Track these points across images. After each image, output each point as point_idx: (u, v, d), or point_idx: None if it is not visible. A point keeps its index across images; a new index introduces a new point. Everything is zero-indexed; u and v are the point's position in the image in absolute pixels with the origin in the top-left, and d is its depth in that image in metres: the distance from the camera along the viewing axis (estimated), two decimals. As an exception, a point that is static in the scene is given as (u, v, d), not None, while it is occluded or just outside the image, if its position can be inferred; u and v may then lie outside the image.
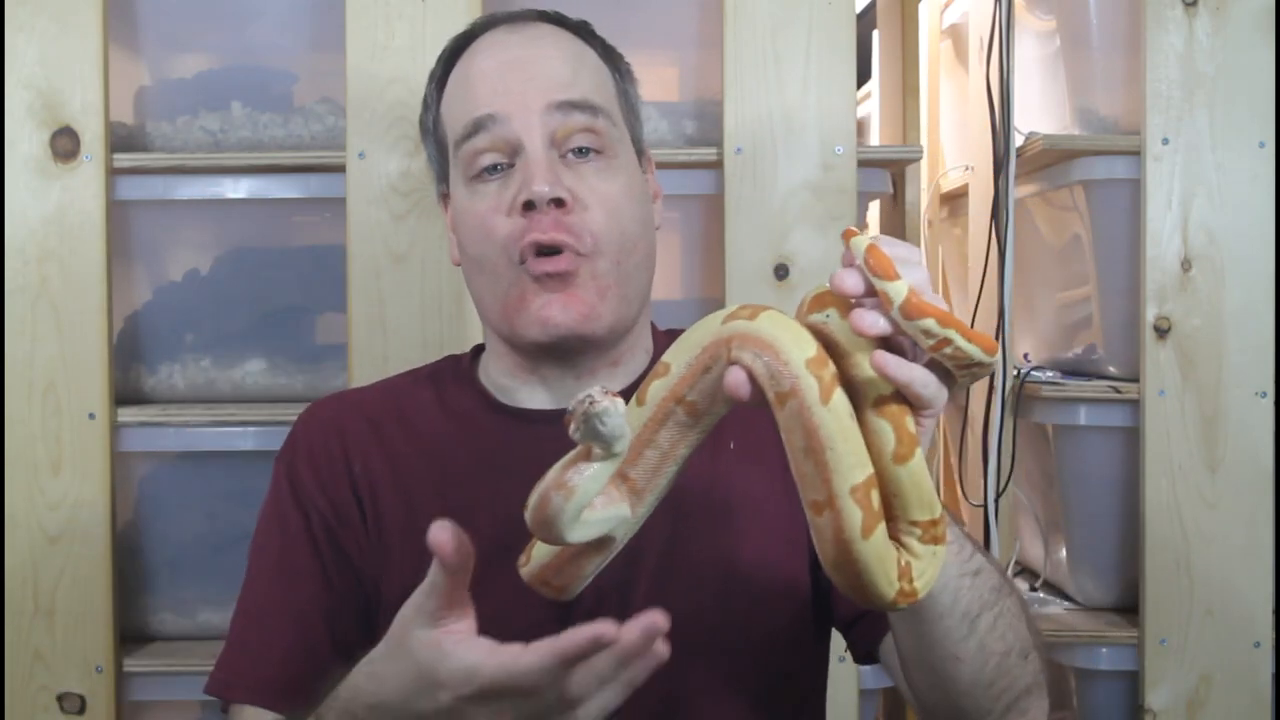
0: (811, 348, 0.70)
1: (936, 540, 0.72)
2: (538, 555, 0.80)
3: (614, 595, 0.94)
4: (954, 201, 2.13)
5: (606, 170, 1.00)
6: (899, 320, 0.68)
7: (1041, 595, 1.77)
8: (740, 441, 1.01)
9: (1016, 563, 1.77)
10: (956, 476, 1.92)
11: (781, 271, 1.52)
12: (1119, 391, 1.62)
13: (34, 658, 1.51)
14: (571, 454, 0.71)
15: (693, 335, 0.74)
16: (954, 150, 2.15)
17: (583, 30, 1.07)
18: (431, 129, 1.07)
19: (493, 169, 0.98)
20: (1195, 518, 1.57)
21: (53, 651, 1.51)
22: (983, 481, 1.70)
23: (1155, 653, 1.58)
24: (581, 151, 0.99)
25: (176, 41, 1.64)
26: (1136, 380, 1.60)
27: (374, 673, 0.75)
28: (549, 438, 0.98)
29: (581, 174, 0.98)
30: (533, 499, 0.71)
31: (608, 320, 0.98)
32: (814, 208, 1.52)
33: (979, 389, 1.82)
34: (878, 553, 0.69)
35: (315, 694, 0.91)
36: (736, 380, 0.71)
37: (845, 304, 0.70)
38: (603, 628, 0.66)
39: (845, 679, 1.51)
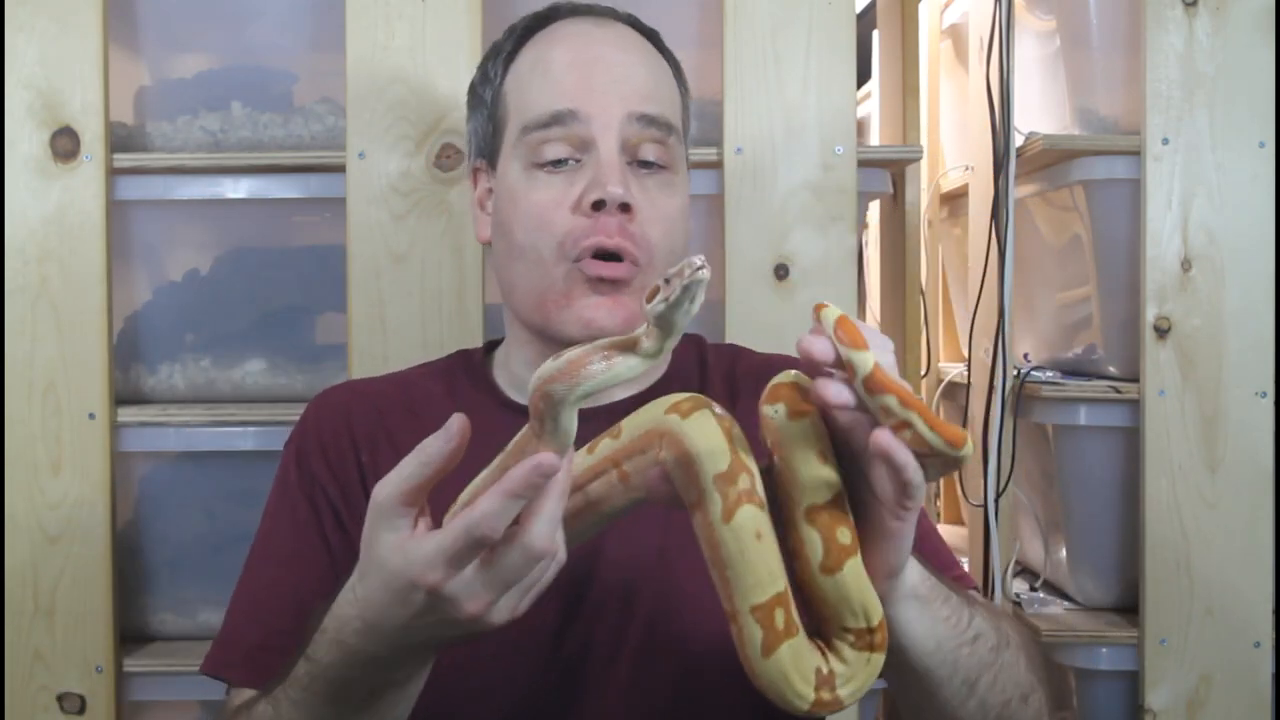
0: (724, 461, 0.69)
1: (872, 647, 0.72)
2: None
3: (615, 605, 0.95)
4: (954, 201, 2.13)
5: (668, 186, 1.01)
6: (860, 393, 0.67)
7: (1041, 595, 1.77)
8: None
9: (1017, 562, 1.78)
10: (957, 476, 1.92)
11: (781, 271, 1.52)
12: (1119, 391, 1.62)
13: (34, 658, 1.51)
14: (607, 341, 0.70)
15: (646, 413, 0.74)
16: (954, 150, 2.15)
17: (658, 40, 1.08)
18: (488, 103, 1.05)
19: (559, 161, 0.98)
20: (1195, 518, 1.57)
21: (53, 651, 1.51)
22: (983, 481, 1.70)
23: (1155, 653, 1.58)
24: (647, 165, 1.00)
25: (176, 41, 1.64)
26: (1136, 380, 1.60)
27: (355, 598, 0.76)
28: None
29: (646, 186, 0.99)
30: (563, 360, 0.69)
31: None
32: (814, 208, 1.52)
33: (979, 389, 1.82)
34: (781, 670, 0.69)
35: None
36: (653, 482, 0.72)
37: (796, 401, 0.71)
38: (542, 457, 0.68)
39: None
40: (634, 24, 1.06)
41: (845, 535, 0.70)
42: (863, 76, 1.72)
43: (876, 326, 2.11)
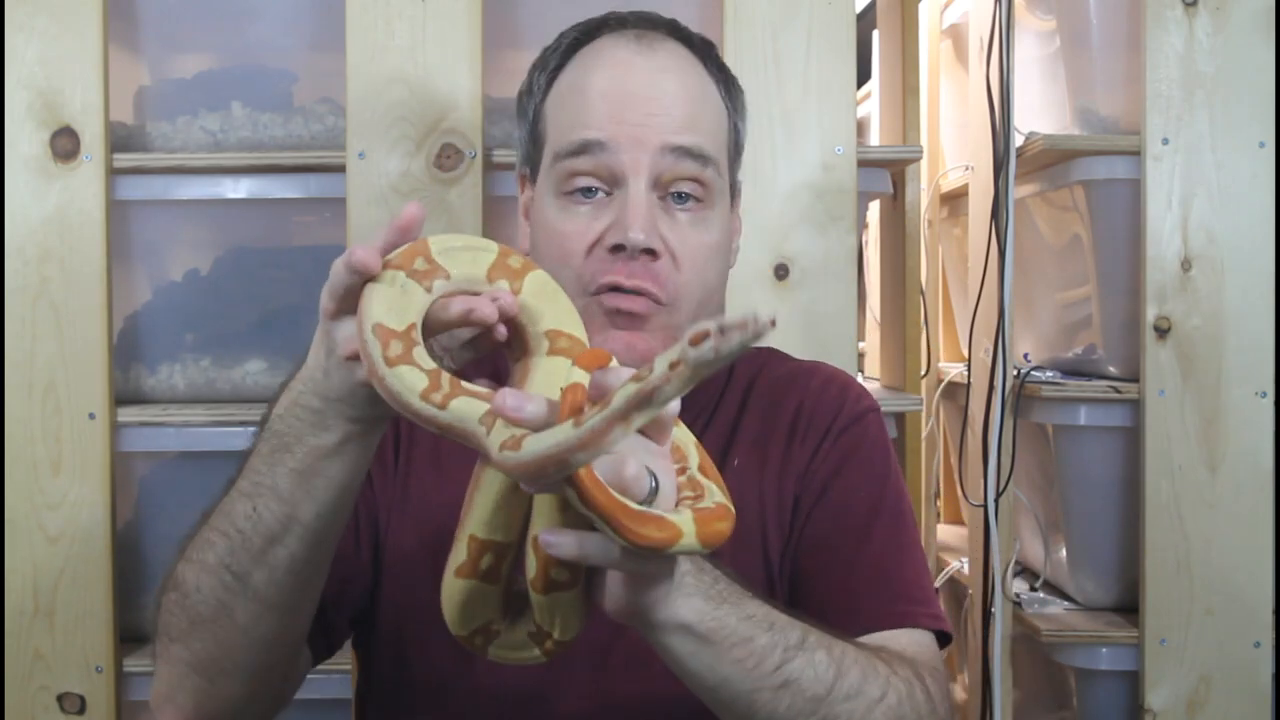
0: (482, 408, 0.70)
1: (543, 649, 0.77)
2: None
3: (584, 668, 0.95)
4: (954, 201, 2.13)
5: (703, 222, 0.98)
6: (573, 501, 0.66)
7: (1041, 595, 1.77)
8: (744, 459, 1.01)
9: (1017, 562, 1.78)
10: (957, 476, 1.92)
11: (781, 271, 1.52)
12: (1119, 391, 1.62)
13: (34, 658, 1.51)
14: (629, 388, 0.64)
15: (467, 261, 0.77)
16: (954, 150, 2.15)
17: (708, 56, 1.03)
18: (530, 117, 1.03)
19: (588, 191, 0.96)
20: (1195, 518, 1.57)
21: (53, 651, 1.51)
22: (983, 481, 1.70)
23: (1155, 653, 1.57)
24: (681, 197, 0.96)
25: (176, 41, 1.64)
26: (1136, 380, 1.60)
27: (320, 370, 0.77)
28: None
29: (677, 223, 0.96)
30: (584, 429, 0.63)
31: None
32: (814, 208, 1.52)
33: (979, 389, 1.82)
34: (455, 599, 0.76)
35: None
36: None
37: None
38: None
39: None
40: (685, 39, 1.03)
41: (560, 573, 0.72)
42: (863, 76, 1.72)
43: (876, 326, 2.11)
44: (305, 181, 1.56)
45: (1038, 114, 1.80)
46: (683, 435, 0.75)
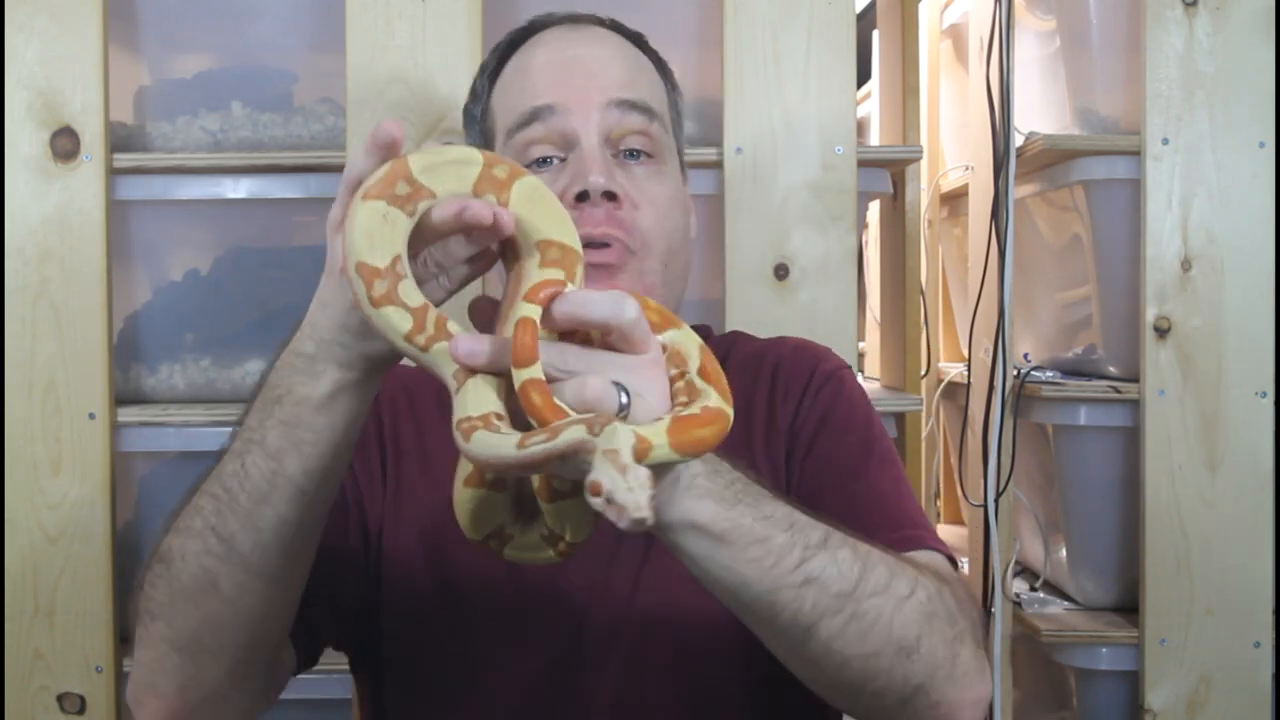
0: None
1: (555, 549, 0.76)
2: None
3: (620, 588, 0.95)
4: (954, 201, 2.13)
5: (657, 174, 1.01)
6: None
7: (1041, 595, 1.77)
8: (731, 433, 1.01)
9: (1017, 562, 1.78)
10: (957, 476, 1.92)
11: (781, 271, 1.52)
12: (1119, 391, 1.62)
13: (34, 658, 1.51)
14: (548, 449, 0.65)
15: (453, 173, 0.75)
16: (954, 150, 2.15)
17: (639, 40, 1.08)
18: (479, 119, 1.07)
19: (544, 161, 0.98)
20: (1195, 518, 1.57)
21: (53, 651, 1.51)
22: (983, 481, 1.70)
23: (1155, 653, 1.58)
24: (634, 154, 1.00)
25: (176, 41, 1.64)
26: (1136, 380, 1.60)
27: (319, 298, 0.77)
28: None
29: (633, 175, 0.99)
30: (492, 454, 0.66)
31: None
32: (814, 208, 1.52)
33: (979, 389, 1.82)
34: (465, 503, 0.75)
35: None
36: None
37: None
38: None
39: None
40: (617, 28, 1.07)
41: (564, 482, 0.71)
42: (863, 76, 1.72)
43: (876, 326, 2.11)
44: (305, 181, 1.56)
45: (1038, 114, 1.80)
46: (683, 338, 0.74)
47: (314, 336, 0.76)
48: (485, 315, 0.75)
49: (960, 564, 1.97)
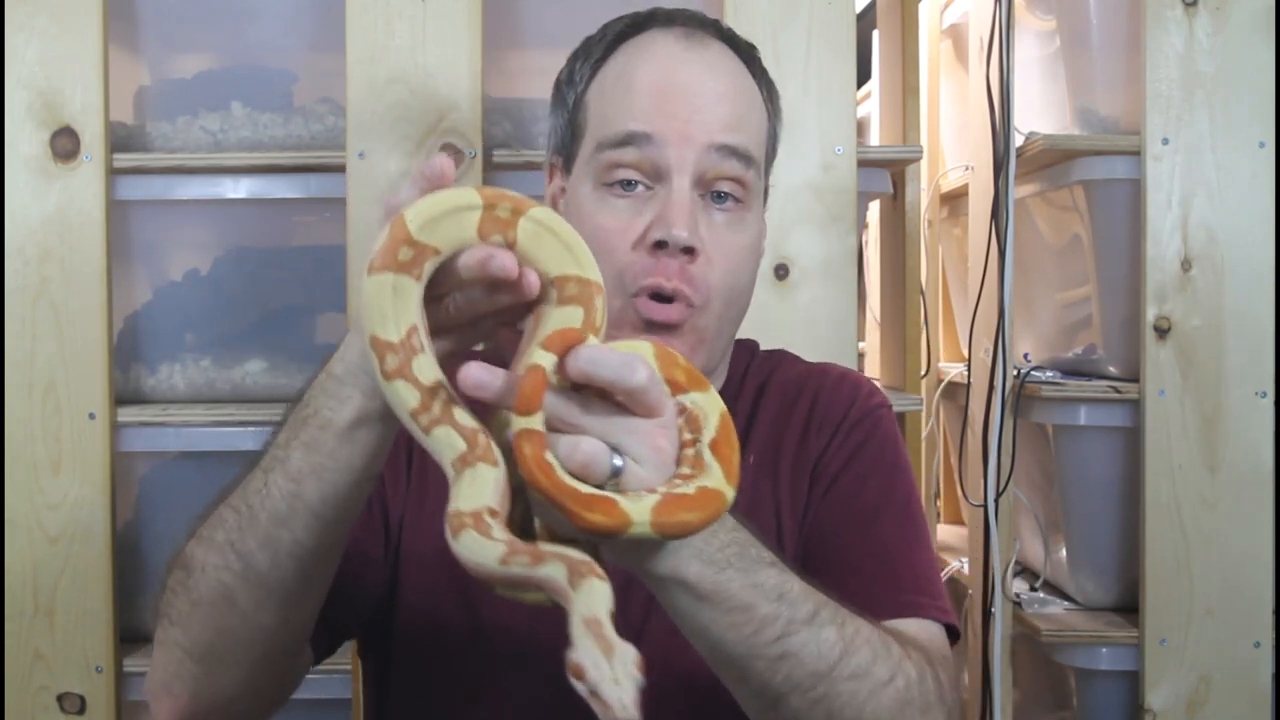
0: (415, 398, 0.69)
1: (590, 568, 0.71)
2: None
3: (633, 616, 0.94)
4: (954, 201, 2.13)
5: (740, 223, 0.97)
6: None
7: (1041, 595, 1.77)
8: (759, 457, 1.00)
9: (1017, 562, 1.77)
10: (957, 476, 1.92)
11: (781, 271, 1.52)
12: (1119, 391, 1.62)
13: (34, 658, 1.51)
14: (529, 574, 0.65)
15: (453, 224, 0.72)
16: (954, 150, 2.15)
17: (751, 60, 1.03)
18: (570, 106, 1.02)
19: (628, 184, 0.95)
20: (1195, 518, 1.57)
21: (53, 651, 1.51)
22: (983, 481, 1.70)
23: (1155, 653, 1.57)
24: (721, 196, 0.96)
25: (176, 41, 1.64)
26: (1136, 380, 1.60)
27: (354, 323, 0.76)
28: None
29: (715, 223, 0.95)
30: (475, 560, 0.66)
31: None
32: (814, 208, 1.52)
33: (979, 389, 1.82)
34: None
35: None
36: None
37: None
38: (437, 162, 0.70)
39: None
40: (730, 40, 1.02)
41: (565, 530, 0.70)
42: (863, 76, 1.72)
43: (876, 326, 2.11)
44: (305, 181, 1.56)
45: (1038, 114, 1.80)
46: (706, 402, 0.73)
47: (344, 359, 0.76)
48: (509, 346, 0.74)
49: (960, 565, 1.97)
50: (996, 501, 1.69)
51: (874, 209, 2.13)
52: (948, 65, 2.19)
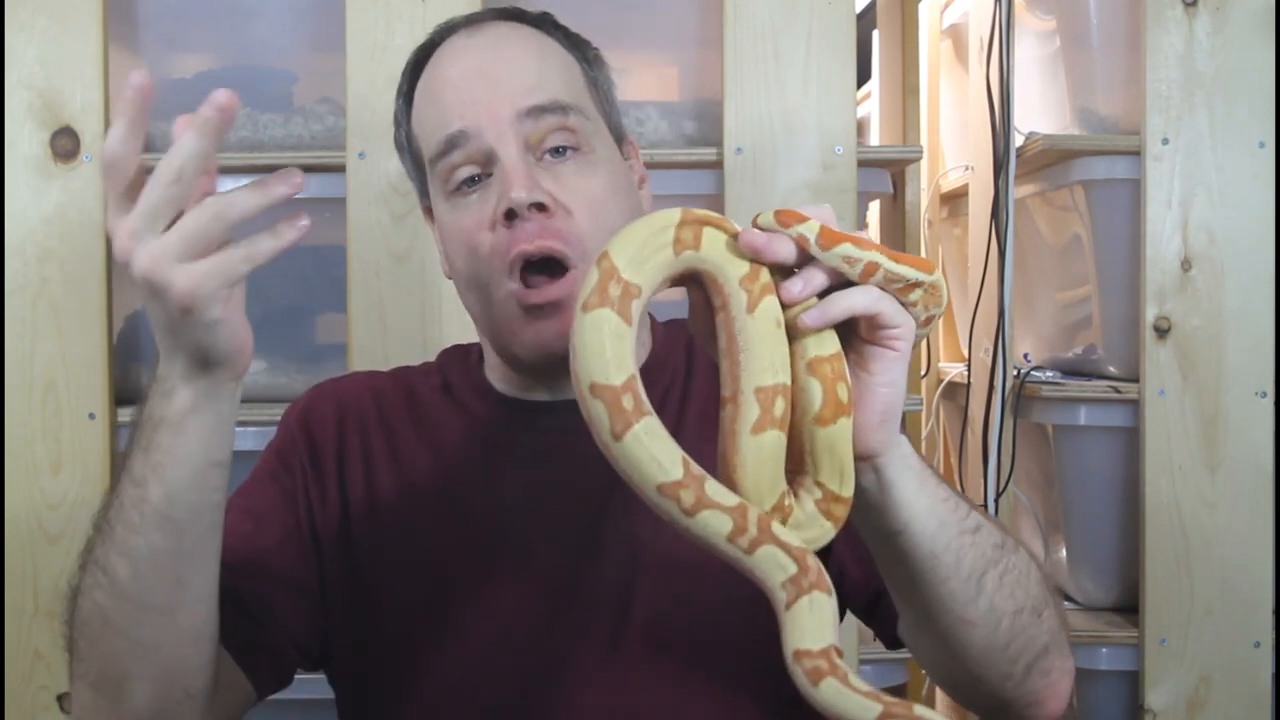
0: (744, 267, 0.71)
1: (830, 516, 0.73)
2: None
3: (613, 594, 0.94)
4: (954, 201, 2.13)
5: (586, 168, 0.97)
6: (821, 256, 0.70)
7: (1041, 595, 1.77)
8: (697, 417, 1.00)
9: (1016, 563, 1.78)
10: (957, 476, 1.92)
11: (781, 271, 1.52)
12: (1119, 391, 1.62)
13: (34, 658, 1.51)
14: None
15: (655, 256, 0.73)
16: (954, 150, 2.15)
17: (544, 23, 1.04)
18: (406, 145, 1.05)
19: (471, 180, 0.96)
20: (1195, 518, 1.57)
21: (53, 651, 1.51)
22: (983, 481, 1.70)
23: (1155, 653, 1.58)
24: (559, 151, 0.96)
25: (176, 41, 1.64)
26: (1136, 380, 1.60)
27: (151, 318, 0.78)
28: (550, 428, 0.98)
29: (560, 175, 0.96)
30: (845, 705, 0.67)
31: None
32: (814, 208, 1.51)
33: (979, 389, 1.82)
34: (760, 454, 0.70)
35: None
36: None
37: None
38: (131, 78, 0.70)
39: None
40: (518, 16, 1.03)
41: (843, 392, 0.71)
42: (863, 76, 1.72)
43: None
44: (305, 181, 1.56)
45: (1038, 114, 1.80)
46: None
47: (161, 357, 0.77)
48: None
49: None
50: (996, 501, 1.69)
51: (874, 209, 2.13)
52: (948, 65, 2.19)
